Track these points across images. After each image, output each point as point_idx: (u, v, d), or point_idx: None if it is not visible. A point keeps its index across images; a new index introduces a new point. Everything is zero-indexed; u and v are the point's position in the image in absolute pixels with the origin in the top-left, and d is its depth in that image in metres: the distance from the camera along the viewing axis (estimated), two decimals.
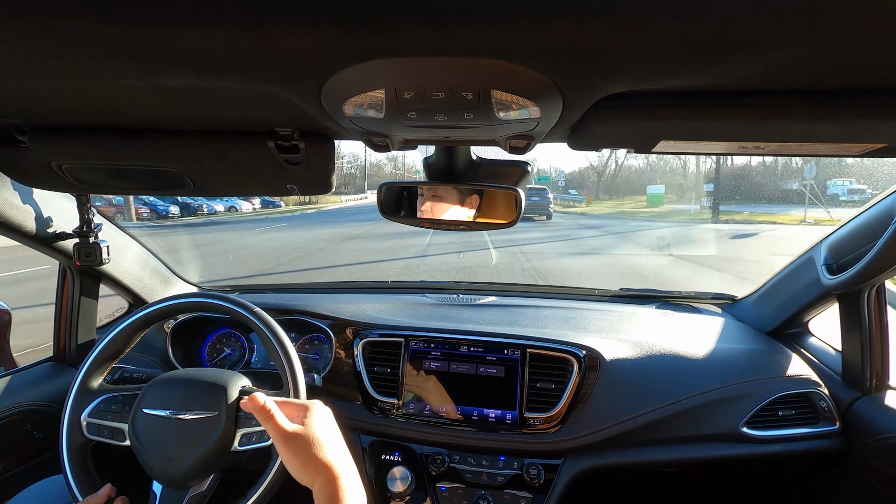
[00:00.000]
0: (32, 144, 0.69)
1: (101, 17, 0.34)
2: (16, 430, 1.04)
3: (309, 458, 0.57)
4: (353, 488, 0.57)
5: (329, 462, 0.57)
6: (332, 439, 0.60)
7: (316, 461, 0.56)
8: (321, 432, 0.59)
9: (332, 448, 0.58)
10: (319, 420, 0.61)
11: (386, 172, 40.49)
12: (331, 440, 0.59)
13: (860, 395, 1.08)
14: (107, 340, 0.92)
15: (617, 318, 1.31)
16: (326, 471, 0.56)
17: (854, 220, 1.03)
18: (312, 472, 0.56)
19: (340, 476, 0.56)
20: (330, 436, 0.60)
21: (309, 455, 0.57)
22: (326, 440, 0.59)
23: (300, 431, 0.59)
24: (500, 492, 1.06)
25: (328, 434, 0.60)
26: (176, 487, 0.83)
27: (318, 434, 0.59)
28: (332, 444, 0.59)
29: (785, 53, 0.37)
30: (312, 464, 0.56)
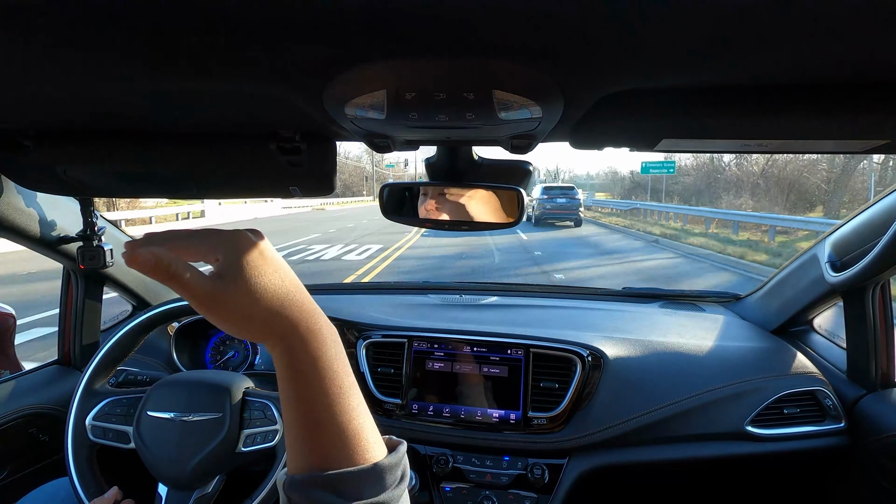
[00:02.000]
0: (36, 149, 0.69)
1: (105, 22, 0.34)
2: (21, 434, 1.05)
3: (248, 309, 0.38)
4: (323, 330, 0.41)
5: (280, 306, 0.39)
6: (277, 276, 0.40)
7: (260, 311, 0.38)
8: (258, 269, 0.39)
9: (280, 287, 0.39)
10: (254, 254, 0.39)
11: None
12: (275, 277, 0.40)
13: (866, 393, 1.07)
14: (111, 343, 0.93)
15: (620, 318, 1.31)
16: (277, 320, 0.39)
17: (858, 216, 1.02)
18: (259, 327, 0.39)
19: (301, 319, 0.40)
20: (272, 272, 0.40)
21: (249, 306, 0.38)
22: (269, 279, 0.39)
23: (227, 278, 0.38)
24: (505, 492, 1.06)
25: (269, 270, 0.40)
26: (181, 489, 0.83)
27: (256, 273, 0.39)
28: (278, 281, 0.40)
29: (788, 50, 0.37)
30: (254, 316, 0.38)
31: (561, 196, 14.07)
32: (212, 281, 0.37)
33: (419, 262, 8.23)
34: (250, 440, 0.84)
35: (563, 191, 14.39)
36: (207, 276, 0.38)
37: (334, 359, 0.41)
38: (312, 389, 0.40)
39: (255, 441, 0.84)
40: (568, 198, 14.04)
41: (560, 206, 13.98)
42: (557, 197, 14.07)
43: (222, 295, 0.37)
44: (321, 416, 0.39)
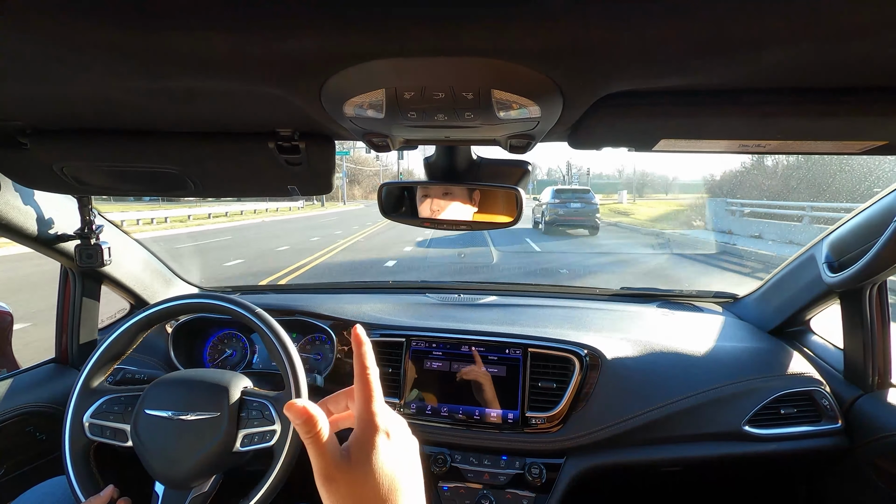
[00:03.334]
0: (34, 146, 0.69)
1: (102, 20, 0.34)
2: (18, 432, 1.05)
3: (357, 498, 0.37)
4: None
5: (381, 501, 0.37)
6: (399, 471, 0.38)
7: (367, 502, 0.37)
8: (385, 461, 0.38)
9: (397, 484, 0.38)
10: (386, 443, 0.38)
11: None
12: (397, 473, 0.38)
13: (862, 393, 1.07)
14: (109, 341, 0.92)
15: (618, 317, 1.31)
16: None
17: (855, 217, 1.03)
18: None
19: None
20: (396, 466, 0.38)
21: (359, 495, 0.37)
22: (391, 473, 0.38)
23: (353, 460, 0.38)
24: (502, 491, 1.06)
25: (394, 463, 0.38)
26: (178, 488, 0.83)
27: (381, 465, 0.37)
28: (399, 477, 0.38)
29: (786, 51, 0.37)
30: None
31: (575, 200, 12.19)
32: (341, 457, 0.37)
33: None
34: (248, 440, 0.84)
35: (578, 194, 12.44)
36: (339, 450, 0.38)
37: None
38: None
39: (253, 441, 0.84)
40: (583, 202, 12.20)
41: (574, 211, 12.12)
42: (571, 201, 12.21)
43: (338, 472, 0.37)
44: None
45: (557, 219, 12.24)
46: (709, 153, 0.66)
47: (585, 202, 12.26)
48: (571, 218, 12.26)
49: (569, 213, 12.23)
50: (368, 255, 9.31)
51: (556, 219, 12.26)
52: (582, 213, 12.19)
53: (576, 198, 12.32)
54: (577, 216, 12.24)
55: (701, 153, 0.65)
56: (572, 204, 12.19)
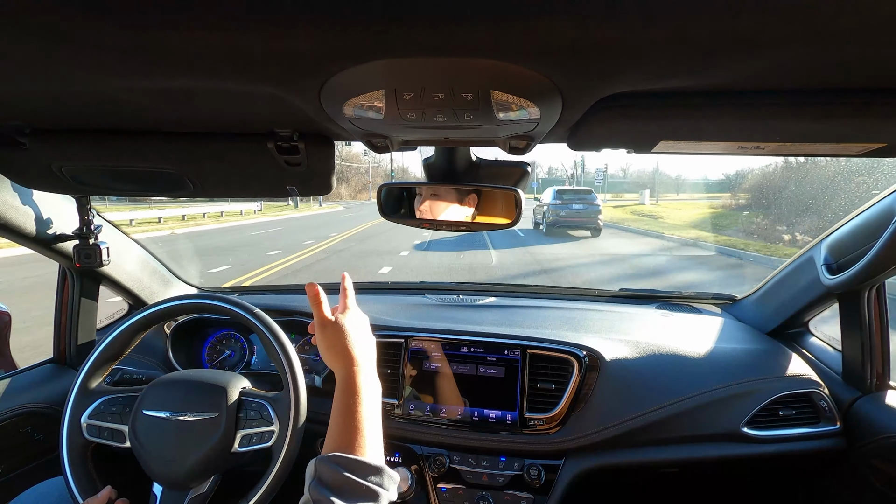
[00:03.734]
0: (32, 146, 0.69)
1: (101, 19, 0.34)
2: (16, 432, 1.04)
3: (334, 344, 0.69)
4: (367, 375, 0.67)
5: (350, 351, 0.68)
6: (358, 335, 0.71)
7: (339, 348, 0.68)
8: (350, 327, 0.71)
9: (356, 342, 0.70)
10: (352, 318, 0.73)
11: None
12: (357, 335, 0.71)
13: (861, 395, 1.08)
14: (107, 342, 0.92)
15: (617, 319, 1.31)
16: (346, 357, 0.67)
17: (854, 219, 1.03)
18: (335, 357, 0.68)
19: (357, 363, 0.67)
20: (357, 332, 0.71)
21: (334, 342, 0.69)
22: (353, 334, 0.70)
23: (333, 322, 0.71)
24: (501, 492, 1.06)
25: (356, 330, 0.71)
26: (176, 489, 0.83)
27: (348, 328, 0.70)
28: (358, 338, 0.70)
29: (785, 53, 0.37)
30: (336, 350, 0.68)
31: (577, 201, 11.93)
32: (328, 318, 0.72)
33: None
34: (246, 440, 0.84)
35: (580, 195, 12.15)
36: (330, 315, 0.73)
37: (368, 388, 0.66)
38: (350, 401, 0.64)
39: (251, 441, 0.84)
40: (586, 203, 11.92)
41: (576, 212, 11.87)
42: (573, 202, 11.95)
43: (328, 329, 0.71)
44: (351, 419, 0.62)
45: (559, 220, 12.04)
46: (707, 155, 0.66)
47: (588, 203, 12.00)
48: (573, 219, 12.03)
49: (571, 215, 12.02)
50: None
51: (557, 220, 12.05)
52: (584, 215, 11.94)
53: (578, 199, 12.08)
54: (580, 217, 11.99)
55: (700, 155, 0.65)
56: (574, 205, 11.96)
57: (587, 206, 11.94)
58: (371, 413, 0.64)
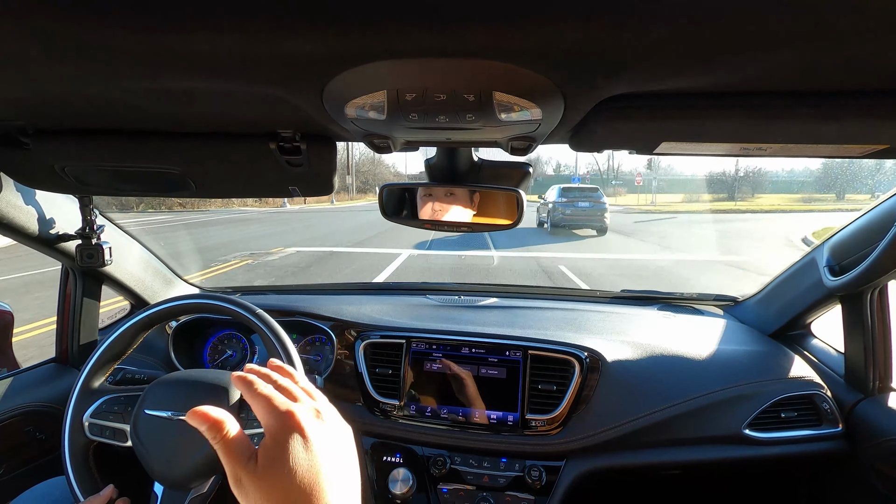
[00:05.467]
0: (36, 146, 0.69)
1: (104, 20, 0.34)
2: (18, 432, 1.05)
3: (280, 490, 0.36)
4: None
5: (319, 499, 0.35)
6: (317, 469, 0.37)
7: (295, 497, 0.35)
8: (299, 460, 0.37)
9: (315, 482, 0.37)
10: (298, 443, 0.38)
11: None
12: (313, 470, 0.37)
13: (863, 397, 1.07)
14: (109, 341, 0.92)
15: (619, 320, 1.31)
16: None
17: (856, 221, 1.03)
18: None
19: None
20: (313, 464, 0.37)
21: (266, 500, 0.35)
22: (306, 472, 0.37)
23: (260, 463, 0.37)
24: (502, 493, 1.06)
25: (311, 461, 0.37)
26: (177, 488, 0.83)
27: (295, 464, 0.36)
28: (315, 476, 0.37)
29: (787, 54, 0.37)
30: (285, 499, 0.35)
31: (583, 199, 11.61)
32: (248, 461, 0.37)
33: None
34: None
35: (586, 193, 11.87)
36: (248, 453, 0.38)
37: None
38: None
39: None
40: (591, 201, 11.63)
41: (581, 211, 11.58)
42: (579, 200, 11.65)
43: (245, 475, 0.37)
44: None
45: (564, 219, 11.83)
46: (709, 156, 0.66)
47: (594, 201, 11.73)
48: (579, 218, 11.76)
49: (576, 213, 11.76)
50: None
51: (562, 219, 11.84)
52: (590, 213, 11.64)
53: (584, 197, 11.79)
54: (585, 216, 11.71)
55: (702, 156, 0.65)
56: (580, 203, 11.68)
57: (593, 204, 11.68)
58: None
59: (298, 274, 6.69)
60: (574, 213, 11.79)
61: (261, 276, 6.57)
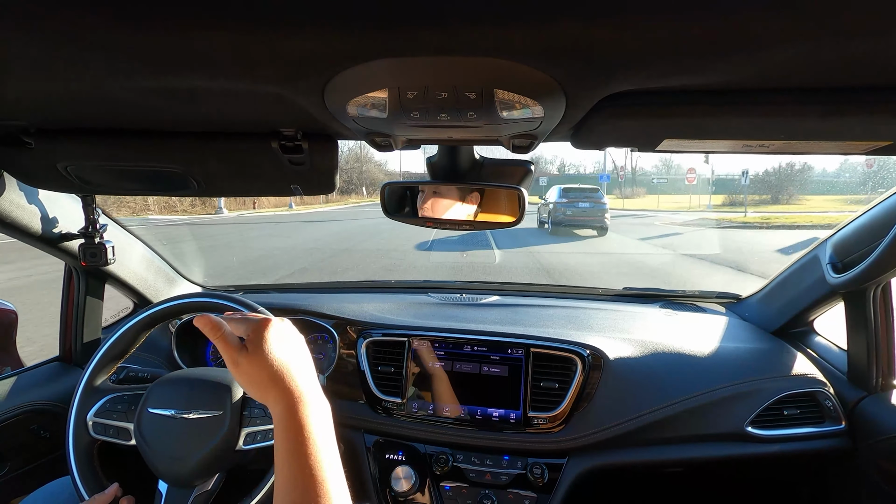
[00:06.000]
0: (38, 146, 0.69)
1: (106, 20, 0.34)
2: (22, 430, 1.05)
3: (257, 379, 0.55)
4: (313, 404, 0.54)
5: (282, 380, 0.54)
6: (284, 354, 0.56)
7: (265, 381, 0.54)
8: (274, 348, 0.56)
9: (285, 364, 0.55)
10: (273, 336, 0.57)
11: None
12: (283, 355, 0.56)
13: (866, 395, 1.07)
14: (112, 340, 0.93)
15: (621, 318, 1.31)
16: (278, 389, 0.53)
17: (860, 217, 1.02)
18: (264, 392, 0.54)
19: (296, 393, 0.53)
20: (281, 351, 0.56)
21: (257, 376, 0.54)
22: (278, 356, 0.55)
23: (249, 349, 0.56)
24: (504, 491, 1.06)
25: (282, 350, 0.56)
26: (181, 486, 0.84)
27: (270, 350, 0.55)
28: (285, 359, 0.55)
29: (790, 51, 0.37)
30: (262, 384, 0.54)
31: (583, 199, 11.66)
32: (238, 346, 0.56)
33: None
34: (250, 438, 0.84)
35: (587, 193, 11.92)
36: (238, 343, 0.57)
37: (317, 424, 0.52)
38: (296, 444, 0.50)
39: (256, 439, 0.84)
40: (592, 202, 11.67)
41: (582, 211, 11.59)
42: (579, 200, 11.70)
43: (240, 357, 0.55)
44: (304, 466, 0.49)
45: (565, 219, 11.81)
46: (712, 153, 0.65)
47: (594, 201, 11.74)
48: (579, 218, 11.72)
49: (577, 213, 11.74)
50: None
51: (563, 219, 11.81)
52: (590, 213, 11.61)
53: (584, 197, 11.79)
54: (586, 216, 11.66)
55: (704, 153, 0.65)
56: (581, 203, 11.68)
57: (594, 204, 11.68)
58: (328, 452, 0.51)
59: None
60: (575, 213, 11.79)
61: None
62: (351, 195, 37.65)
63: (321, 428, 0.53)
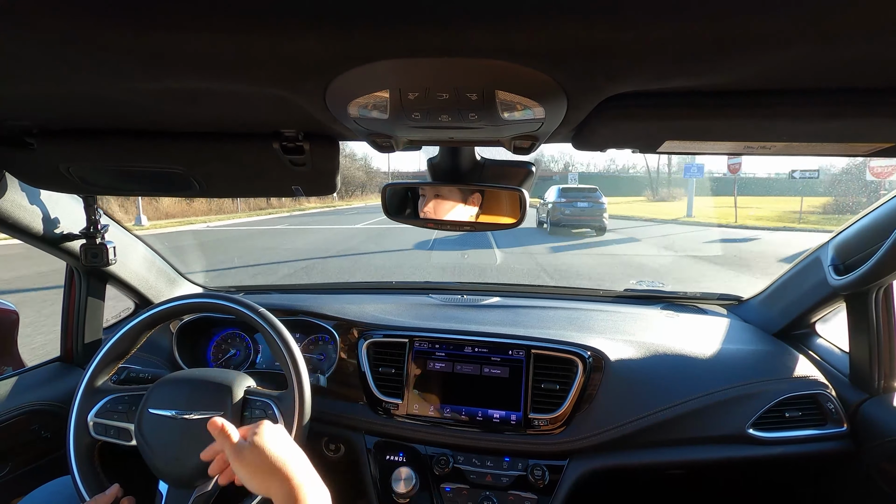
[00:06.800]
0: (40, 147, 0.70)
1: (109, 21, 0.34)
2: (23, 430, 1.05)
3: (258, 466, 0.62)
4: (311, 488, 0.60)
5: (283, 469, 0.61)
6: (282, 448, 0.65)
7: (268, 470, 0.61)
8: (270, 443, 0.64)
9: (283, 455, 0.63)
10: (268, 433, 0.66)
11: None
12: (280, 449, 0.64)
13: (868, 397, 1.07)
14: (113, 341, 0.93)
15: (622, 319, 1.30)
16: (281, 476, 0.61)
17: (862, 219, 1.02)
18: (264, 479, 0.61)
19: (296, 479, 0.60)
20: (279, 445, 0.65)
21: (260, 465, 0.62)
22: (275, 449, 0.64)
23: (250, 442, 0.64)
24: (505, 493, 1.06)
25: (277, 444, 0.65)
26: (182, 487, 0.84)
27: (267, 444, 0.64)
28: (283, 452, 0.64)
29: (792, 52, 0.37)
30: (265, 472, 0.62)
31: (582, 199, 11.73)
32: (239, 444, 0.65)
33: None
34: None
35: (585, 193, 12.00)
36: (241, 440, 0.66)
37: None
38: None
39: None
40: (591, 202, 11.75)
41: (581, 210, 11.67)
42: (578, 200, 11.78)
43: (244, 450, 0.64)
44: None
45: (563, 219, 11.90)
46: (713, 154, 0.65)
47: (593, 201, 11.80)
48: (578, 218, 11.80)
49: (575, 213, 11.81)
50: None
51: (562, 219, 11.90)
52: (589, 213, 11.72)
53: (583, 197, 11.86)
54: (584, 216, 11.77)
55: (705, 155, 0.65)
56: (579, 203, 11.74)
57: (592, 204, 11.74)
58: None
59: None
60: (573, 213, 11.85)
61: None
62: (326, 198, 30.23)
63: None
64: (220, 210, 20.60)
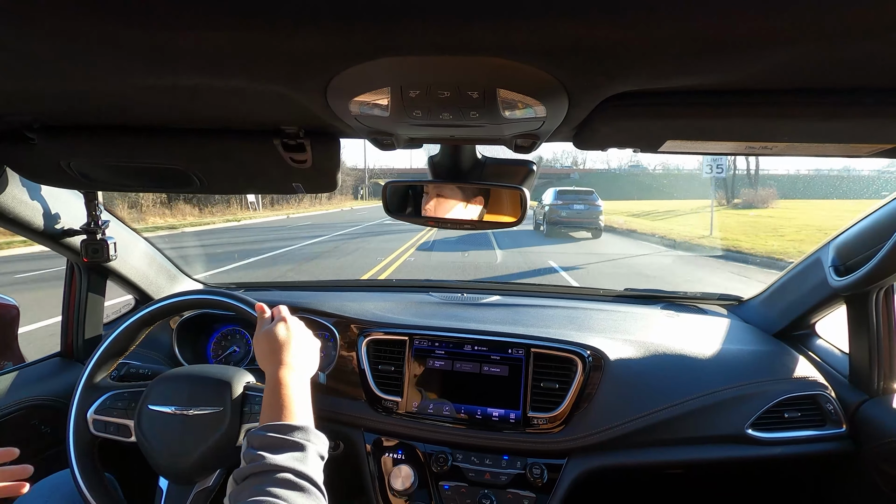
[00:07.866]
0: (41, 142, 0.70)
1: (110, 17, 0.34)
2: (23, 425, 1.06)
3: (265, 349, 0.75)
4: (295, 374, 0.71)
5: (277, 351, 0.74)
6: (286, 337, 0.77)
7: (270, 352, 0.74)
8: (280, 331, 0.77)
9: (284, 343, 0.75)
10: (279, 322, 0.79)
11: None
12: (285, 337, 0.76)
13: (868, 398, 1.07)
14: (113, 336, 0.93)
15: (622, 319, 1.31)
16: (274, 360, 0.73)
17: (863, 220, 1.02)
18: (265, 360, 0.74)
19: (285, 365, 0.72)
20: (285, 334, 0.77)
21: (266, 346, 0.75)
22: (281, 336, 0.76)
23: (265, 329, 0.78)
24: (504, 491, 1.06)
25: (284, 333, 0.77)
26: (182, 483, 0.84)
27: (276, 331, 0.77)
28: (285, 339, 0.76)
29: (794, 51, 0.36)
30: (266, 354, 0.75)
31: (578, 202, 11.86)
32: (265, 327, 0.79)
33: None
34: None
35: (581, 196, 12.10)
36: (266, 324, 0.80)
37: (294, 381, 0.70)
38: (277, 391, 0.68)
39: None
40: (587, 204, 11.84)
41: (577, 213, 11.80)
42: (574, 203, 11.90)
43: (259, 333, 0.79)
44: (277, 399, 0.67)
45: (560, 220, 11.98)
46: (714, 154, 0.65)
47: (589, 203, 11.92)
48: (574, 220, 11.93)
49: (572, 215, 11.92)
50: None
51: (558, 220, 11.99)
52: (585, 215, 11.86)
53: (579, 199, 11.99)
54: (581, 218, 11.89)
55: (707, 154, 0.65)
56: (576, 205, 11.89)
57: (588, 206, 11.84)
58: (299, 398, 0.68)
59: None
60: (570, 216, 11.91)
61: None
62: (286, 205, 27.56)
63: (297, 384, 0.70)
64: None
